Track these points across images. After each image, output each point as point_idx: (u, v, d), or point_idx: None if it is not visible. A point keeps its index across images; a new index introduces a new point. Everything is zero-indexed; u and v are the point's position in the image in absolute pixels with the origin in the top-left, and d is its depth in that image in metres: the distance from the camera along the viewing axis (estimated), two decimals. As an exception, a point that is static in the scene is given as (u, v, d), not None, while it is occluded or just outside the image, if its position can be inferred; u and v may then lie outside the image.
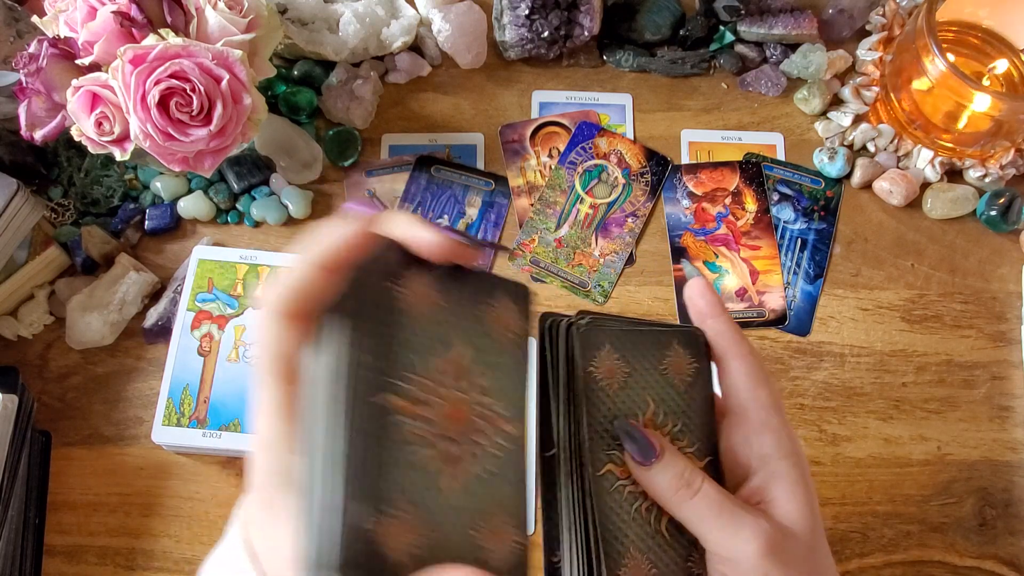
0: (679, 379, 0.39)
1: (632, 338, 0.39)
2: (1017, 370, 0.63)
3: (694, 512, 0.36)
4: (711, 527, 0.36)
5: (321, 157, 0.67)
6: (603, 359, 0.39)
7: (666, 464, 0.36)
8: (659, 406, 0.39)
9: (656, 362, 0.39)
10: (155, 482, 0.58)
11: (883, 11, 0.72)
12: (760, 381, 0.38)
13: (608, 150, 0.69)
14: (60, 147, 0.65)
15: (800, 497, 0.37)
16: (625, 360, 0.39)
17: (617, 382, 0.38)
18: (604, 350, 0.39)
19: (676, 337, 0.39)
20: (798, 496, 0.37)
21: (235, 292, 0.58)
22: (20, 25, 0.64)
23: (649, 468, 0.37)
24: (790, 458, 0.37)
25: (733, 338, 0.39)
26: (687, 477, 0.36)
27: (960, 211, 0.67)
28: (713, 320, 0.40)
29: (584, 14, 0.69)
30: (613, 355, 0.39)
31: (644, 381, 0.39)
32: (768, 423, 0.38)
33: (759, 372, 0.38)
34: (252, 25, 0.57)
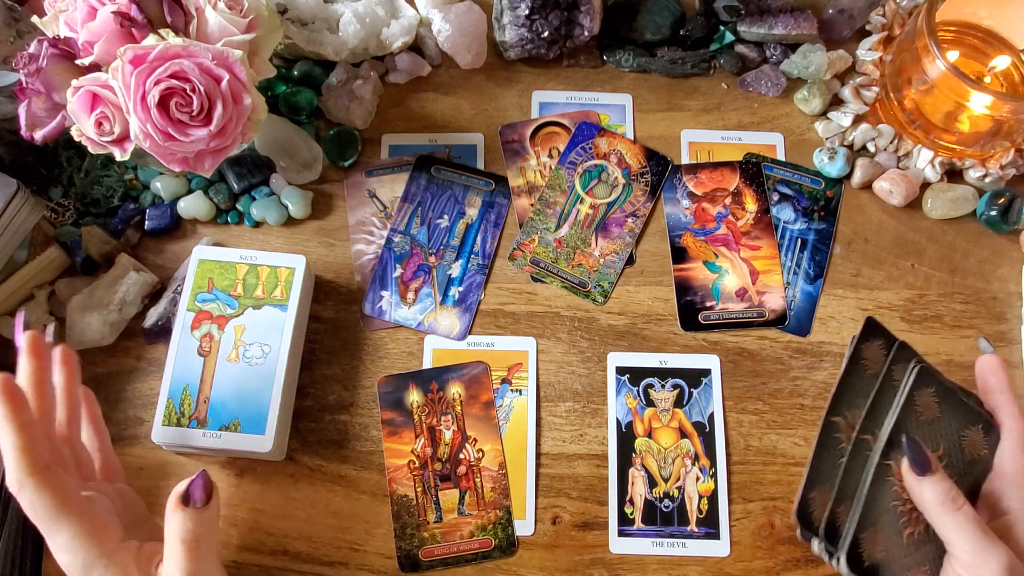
0: (970, 450, 0.51)
1: (953, 399, 0.52)
2: (1017, 370, 0.63)
3: (954, 523, 0.45)
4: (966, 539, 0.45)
5: (321, 157, 0.67)
6: (925, 395, 0.52)
7: (937, 480, 0.46)
8: (946, 455, 0.51)
9: (961, 427, 0.51)
10: (155, 482, 0.58)
11: (883, 11, 0.72)
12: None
13: (608, 150, 0.69)
14: (60, 147, 0.65)
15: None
16: (940, 407, 0.51)
17: (926, 417, 0.51)
18: (930, 390, 0.52)
19: (984, 423, 0.52)
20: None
21: (235, 292, 0.58)
22: (20, 25, 0.64)
23: (922, 479, 0.46)
24: None
25: (1011, 412, 0.51)
26: (953, 495, 0.46)
27: (960, 211, 0.67)
28: (1001, 396, 0.52)
29: (584, 14, 0.69)
30: (934, 398, 0.52)
31: (944, 432, 0.51)
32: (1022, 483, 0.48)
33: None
34: (252, 25, 0.57)
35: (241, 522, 0.57)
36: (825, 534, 0.51)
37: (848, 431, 0.52)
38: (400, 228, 0.66)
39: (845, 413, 0.52)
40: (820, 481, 0.51)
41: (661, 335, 0.63)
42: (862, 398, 0.52)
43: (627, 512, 0.58)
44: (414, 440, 0.59)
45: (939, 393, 0.51)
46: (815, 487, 0.51)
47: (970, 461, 0.50)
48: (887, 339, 0.53)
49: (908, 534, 0.49)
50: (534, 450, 0.59)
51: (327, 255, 0.65)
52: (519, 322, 0.63)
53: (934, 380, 0.52)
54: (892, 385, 0.52)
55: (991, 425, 0.51)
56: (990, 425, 0.51)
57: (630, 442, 0.60)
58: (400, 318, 0.63)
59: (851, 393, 0.52)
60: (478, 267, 0.65)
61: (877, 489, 0.50)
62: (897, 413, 0.51)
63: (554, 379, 0.62)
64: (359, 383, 0.61)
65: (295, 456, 0.59)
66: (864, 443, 0.51)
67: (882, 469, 0.50)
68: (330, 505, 0.58)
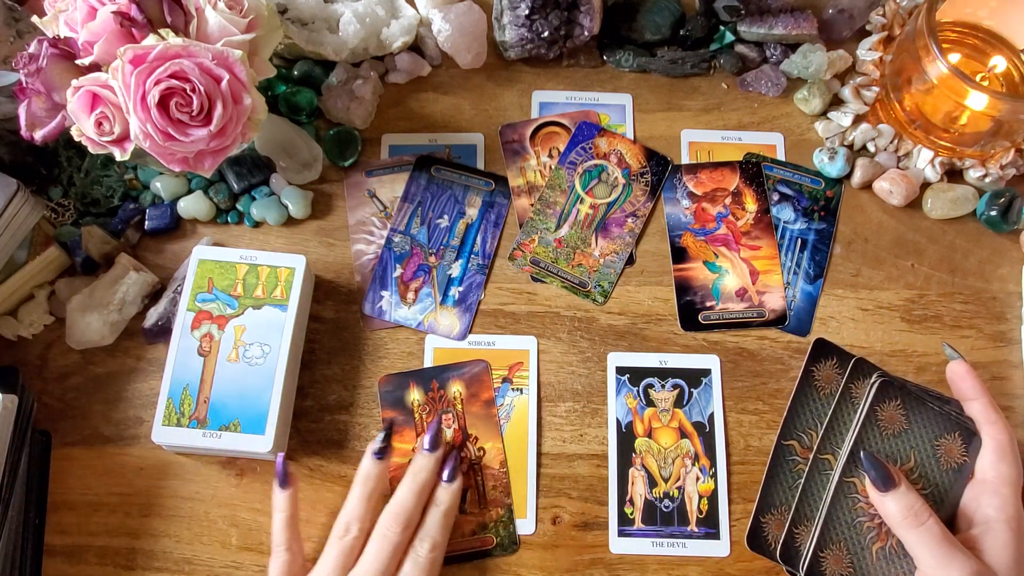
0: (946, 460, 0.50)
1: (923, 409, 0.51)
2: (1017, 370, 0.63)
3: (917, 537, 0.45)
4: (929, 552, 0.45)
5: (321, 157, 0.67)
6: (888, 408, 0.51)
7: (900, 495, 0.46)
8: (919, 467, 0.51)
9: (935, 436, 0.51)
10: (155, 482, 0.58)
11: (883, 11, 0.72)
12: (1004, 457, 0.48)
13: (608, 150, 0.69)
14: (60, 147, 0.65)
15: (1011, 556, 0.45)
16: (907, 419, 0.51)
17: (892, 430, 0.51)
18: (893, 402, 0.52)
19: (961, 430, 0.51)
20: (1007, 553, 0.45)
21: (235, 292, 0.58)
22: (20, 25, 0.64)
23: (884, 495, 0.46)
24: (1009, 523, 0.46)
25: (989, 419, 0.49)
26: (916, 509, 0.45)
27: (960, 211, 0.67)
28: (975, 403, 0.50)
29: (584, 14, 0.69)
30: (899, 410, 0.51)
31: (916, 443, 0.51)
32: (999, 491, 0.47)
33: (1006, 450, 0.48)
34: (252, 25, 0.57)
35: (241, 522, 0.57)
36: (781, 556, 0.51)
37: (805, 453, 0.53)
38: (400, 228, 0.66)
39: (800, 435, 0.53)
40: (775, 504, 0.53)
41: (661, 335, 0.63)
42: (818, 419, 0.54)
43: (627, 512, 0.58)
44: (415, 439, 0.59)
45: (905, 405, 0.52)
46: (768, 511, 0.52)
47: (950, 470, 0.50)
48: (841, 357, 0.54)
49: (877, 549, 0.49)
50: (535, 450, 0.59)
51: (327, 255, 0.65)
52: (519, 322, 0.63)
53: (899, 392, 0.52)
54: (851, 402, 0.53)
55: (973, 434, 0.51)
56: (971, 432, 0.51)
57: (630, 442, 0.60)
58: (400, 318, 0.63)
59: (805, 415, 0.54)
60: (478, 267, 0.65)
61: (838, 507, 0.50)
62: (857, 430, 0.51)
63: (554, 379, 0.62)
64: (359, 383, 0.61)
65: (295, 456, 0.59)
66: (823, 463, 0.52)
67: (844, 487, 0.50)
68: (330, 505, 0.58)
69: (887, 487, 0.46)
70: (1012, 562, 0.45)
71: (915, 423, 0.51)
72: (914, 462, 0.50)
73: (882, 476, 0.46)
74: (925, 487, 0.50)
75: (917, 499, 0.46)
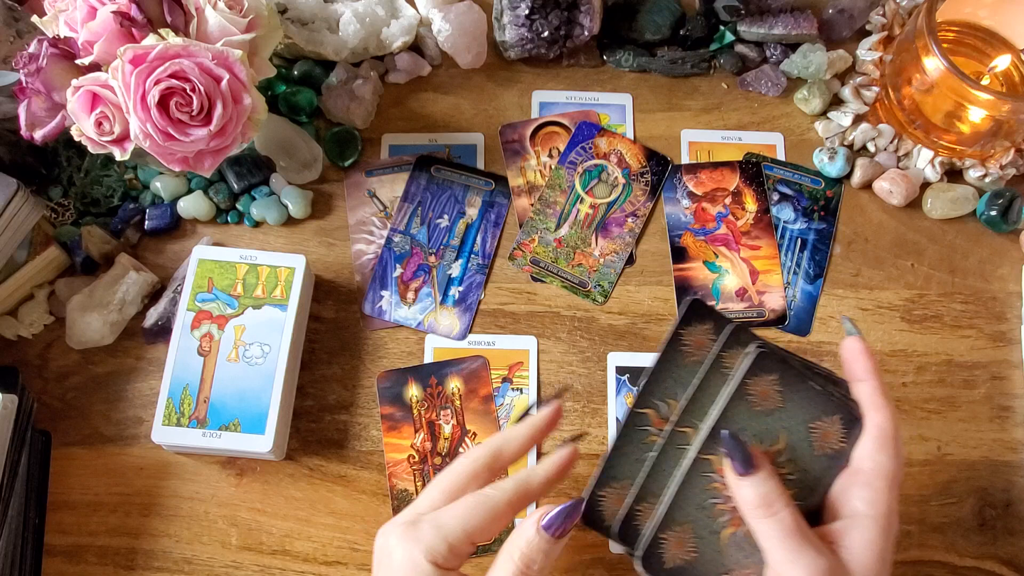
0: (820, 444, 0.45)
1: (803, 387, 0.45)
2: (1017, 370, 0.63)
3: (767, 530, 0.41)
4: (776, 548, 0.40)
5: (321, 157, 0.67)
6: (762, 382, 0.45)
7: (756, 481, 0.41)
8: (789, 450, 0.45)
9: (811, 417, 0.45)
10: (155, 482, 0.58)
11: (883, 11, 0.72)
12: (884, 448, 0.42)
13: (608, 150, 0.69)
14: (60, 147, 0.65)
15: (874, 554, 0.40)
16: (783, 396, 0.45)
17: (764, 407, 0.45)
18: (768, 376, 0.45)
19: (842, 413, 0.45)
20: (872, 552, 0.41)
21: (235, 292, 0.58)
22: (20, 25, 0.64)
23: (741, 479, 0.41)
24: (877, 519, 0.41)
25: (876, 403, 0.43)
26: (770, 499, 0.41)
27: (960, 211, 0.67)
28: (863, 384, 0.44)
29: (584, 14, 0.69)
30: (775, 385, 0.45)
31: (789, 424, 0.45)
32: (872, 484, 0.42)
33: (887, 440, 0.43)
34: (252, 25, 0.57)
35: (241, 522, 0.57)
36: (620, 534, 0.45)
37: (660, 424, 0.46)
38: (400, 228, 0.66)
39: (658, 404, 0.46)
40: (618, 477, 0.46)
41: (661, 335, 0.63)
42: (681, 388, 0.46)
43: (627, 512, 0.58)
44: (414, 435, 0.59)
45: (783, 381, 0.45)
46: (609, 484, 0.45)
47: (824, 456, 0.44)
48: (716, 322, 0.46)
49: (729, 535, 0.44)
50: (535, 449, 0.59)
51: (327, 255, 0.65)
52: (519, 322, 0.63)
53: (778, 367, 0.45)
54: (722, 372, 0.46)
55: (856, 419, 0.45)
56: (855, 417, 0.45)
57: (630, 442, 0.60)
58: (400, 318, 0.63)
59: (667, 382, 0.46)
60: (478, 267, 0.65)
61: (691, 486, 0.44)
62: (724, 404, 0.44)
63: (554, 379, 0.62)
64: (359, 383, 0.61)
65: (295, 456, 0.59)
66: (681, 436, 0.45)
67: (700, 464, 0.44)
68: (330, 505, 0.58)
69: (746, 471, 0.41)
70: (874, 562, 0.40)
71: (791, 402, 0.45)
72: (784, 444, 0.45)
73: (742, 458, 0.41)
74: (793, 472, 0.44)
75: (776, 487, 0.41)
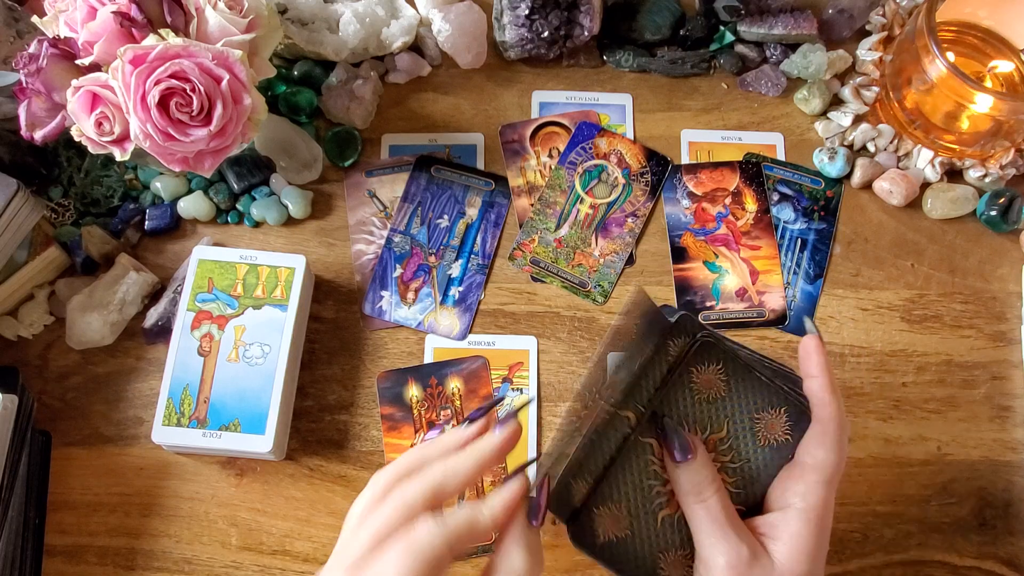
0: (764, 435, 0.46)
1: (749, 378, 0.46)
2: (1017, 370, 0.63)
3: (695, 515, 0.42)
4: (702, 531, 0.42)
5: (321, 157, 0.67)
6: (707, 371, 0.46)
7: (691, 469, 0.43)
8: (731, 439, 0.46)
9: (756, 409, 0.46)
10: (155, 482, 0.58)
11: (883, 11, 0.72)
12: (825, 445, 0.43)
13: (608, 150, 0.69)
14: (60, 147, 0.65)
15: (799, 547, 0.41)
16: (728, 386, 0.46)
17: (707, 395, 0.46)
18: (713, 366, 0.46)
19: (788, 405, 0.46)
20: (798, 545, 0.41)
21: (235, 292, 0.58)
22: (20, 25, 0.64)
23: (677, 466, 0.43)
24: (808, 513, 0.42)
25: (823, 400, 0.44)
26: (701, 486, 0.42)
27: (960, 211, 0.67)
28: (813, 380, 0.45)
29: (584, 14, 0.69)
30: (719, 374, 0.46)
31: (732, 413, 0.46)
32: (807, 479, 0.43)
33: (830, 438, 0.43)
34: (252, 25, 0.57)
35: (241, 522, 0.57)
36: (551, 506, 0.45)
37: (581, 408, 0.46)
38: (400, 228, 0.66)
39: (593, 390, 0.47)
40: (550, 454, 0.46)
41: (661, 335, 0.63)
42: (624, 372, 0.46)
43: (627, 512, 0.58)
44: (414, 435, 0.59)
45: (727, 371, 0.46)
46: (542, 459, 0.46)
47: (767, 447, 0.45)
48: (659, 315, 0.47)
49: (664, 516, 0.45)
50: (535, 450, 0.59)
51: (327, 255, 0.65)
52: (519, 322, 0.63)
53: (722, 356, 0.46)
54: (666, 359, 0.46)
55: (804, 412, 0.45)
56: (801, 411, 0.46)
57: (630, 442, 0.60)
58: (400, 318, 0.63)
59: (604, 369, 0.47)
60: (478, 267, 0.65)
61: (628, 466, 0.45)
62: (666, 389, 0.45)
63: (554, 379, 0.62)
64: (359, 383, 0.61)
65: (295, 456, 0.59)
66: (621, 420, 0.46)
67: (640, 446, 0.45)
68: (330, 505, 0.58)
69: (682, 458, 0.43)
70: (800, 554, 0.41)
71: (736, 392, 0.46)
72: (727, 432, 0.46)
73: (680, 445, 0.43)
74: (735, 460, 0.45)
75: (708, 475, 0.42)
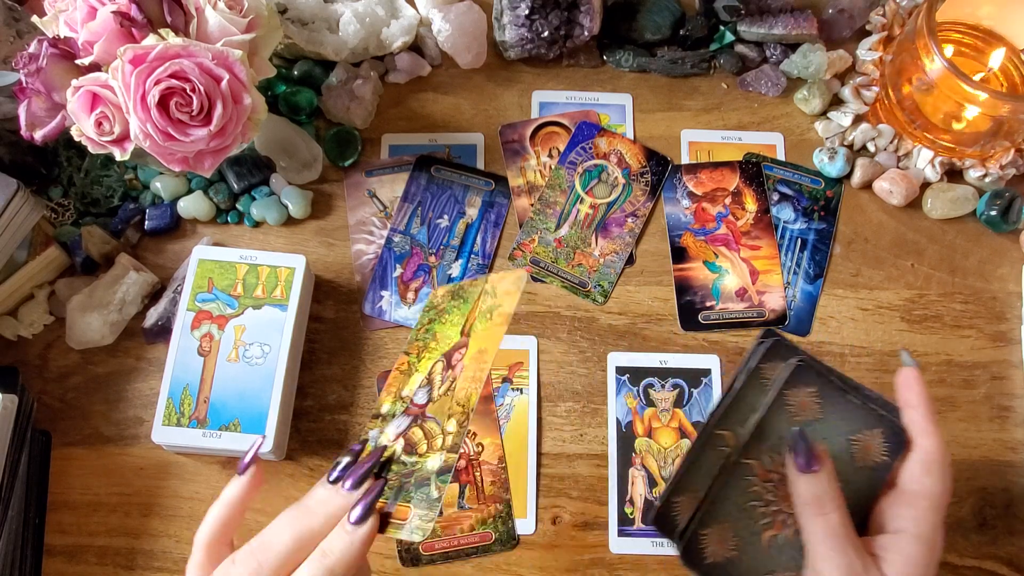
0: (862, 455, 0.47)
1: (842, 401, 0.48)
2: (1017, 370, 0.63)
3: (812, 528, 0.43)
4: (819, 544, 0.43)
5: (321, 157, 0.67)
6: (801, 393, 0.48)
7: (815, 480, 0.43)
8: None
9: (851, 430, 0.48)
10: (155, 482, 0.58)
11: (883, 11, 0.72)
12: (931, 472, 0.45)
13: (608, 150, 0.69)
14: (60, 147, 0.65)
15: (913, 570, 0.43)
16: (822, 408, 0.48)
17: (803, 417, 0.48)
18: (807, 388, 0.48)
19: (884, 426, 0.48)
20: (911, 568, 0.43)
21: (235, 292, 0.58)
22: (20, 25, 0.64)
23: (801, 475, 0.44)
24: (921, 538, 0.44)
25: (925, 430, 0.46)
26: (823, 499, 0.43)
27: (960, 211, 0.67)
28: (914, 411, 0.47)
29: (584, 14, 0.69)
30: (814, 397, 0.48)
31: (828, 434, 0.48)
32: (918, 505, 0.44)
33: (934, 465, 0.45)
34: (252, 25, 0.57)
35: (241, 522, 0.57)
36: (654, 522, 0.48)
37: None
38: (400, 228, 0.66)
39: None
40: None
41: (661, 335, 0.63)
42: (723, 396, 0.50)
43: (627, 512, 0.58)
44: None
45: (821, 394, 0.48)
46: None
47: (863, 468, 0.48)
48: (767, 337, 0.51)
49: (769, 536, 0.47)
50: (535, 449, 0.59)
51: (327, 255, 0.65)
52: (519, 322, 0.63)
53: (817, 380, 0.49)
54: (761, 383, 0.49)
55: (900, 436, 0.48)
56: (898, 435, 0.48)
57: (630, 442, 0.60)
58: (400, 318, 0.63)
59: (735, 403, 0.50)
60: (478, 267, 0.65)
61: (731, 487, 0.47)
62: (764, 412, 0.48)
63: (554, 379, 0.62)
64: (359, 383, 0.61)
65: (295, 456, 0.59)
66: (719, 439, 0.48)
67: (741, 467, 0.47)
68: (330, 505, 0.58)
69: (808, 468, 0.43)
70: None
71: (830, 414, 0.48)
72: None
73: (806, 455, 0.44)
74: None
75: (832, 489, 0.43)
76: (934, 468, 0.45)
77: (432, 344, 0.49)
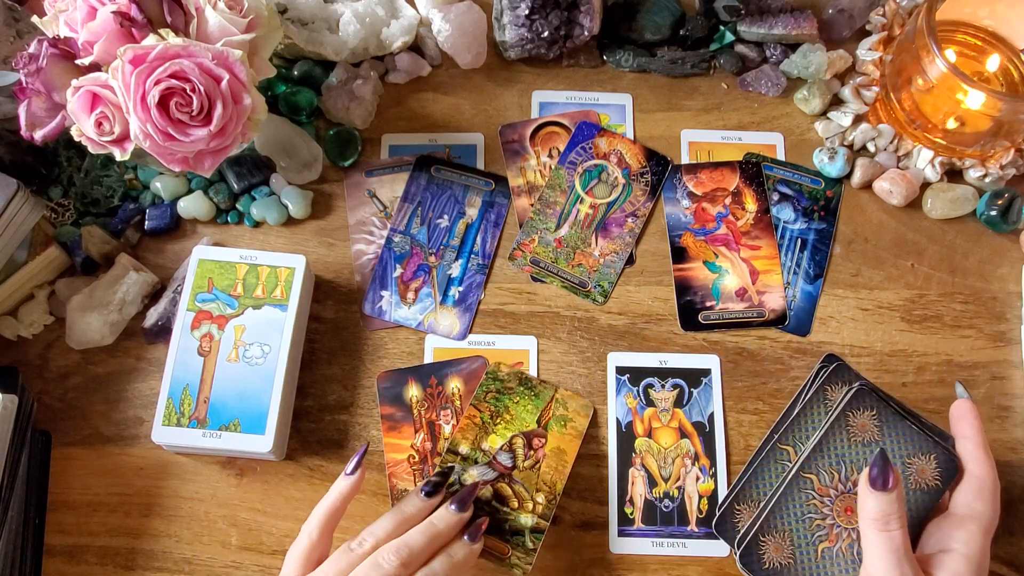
0: (916, 479, 0.51)
1: (901, 425, 0.53)
2: (1017, 370, 0.63)
3: (876, 541, 0.46)
4: (879, 559, 0.45)
5: (321, 157, 0.67)
6: (862, 416, 0.53)
7: (886, 498, 0.46)
8: None
9: (907, 453, 0.52)
10: (155, 482, 0.58)
11: (883, 11, 0.72)
12: (984, 499, 0.49)
13: (608, 150, 0.69)
14: (60, 147, 0.65)
15: None
16: (880, 430, 0.53)
17: (862, 438, 0.53)
18: (868, 412, 0.53)
19: (938, 453, 0.52)
20: None
21: (235, 292, 0.58)
22: (20, 25, 0.64)
23: (872, 492, 0.46)
24: (970, 557, 0.47)
25: (976, 458, 0.50)
26: (890, 517, 0.46)
27: (960, 211, 0.67)
28: (968, 441, 0.51)
29: (584, 14, 0.69)
30: (873, 420, 0.53)
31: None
32: (967, 527, 0.48)
33: (988, 493, 0.49)
34: (252, 25, 0.57)
35: (241, 522, 0.58)
36: (716, 525, 0.54)
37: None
38: (400, 228, 0.66)
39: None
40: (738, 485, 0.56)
41: (661, 335, 0.63)
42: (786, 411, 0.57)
43: (627, 512, 0.58)
44: (414, 435, 0.59)
45: (880, 417, 0.53)
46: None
47: (918, 490, 0.51)
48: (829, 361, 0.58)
49: (824, 548, 0.51)
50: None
51: (327, 255, 0.65)
52: (519, 322, 0.63)
53: (876, 404, 0.53)
54: (825, 402, 0.56)
55: (953, 464, 0.51)
56: (951, 461, 0.51)
57: (630, 442, 0.60)
58: (400, 318, 0.63)
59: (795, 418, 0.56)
60: (478, 267, 0.65)
61: (790, 499, 0.52)
62: (825, 429, 0.53)
63: (554, 379, 0.62)
64: (359, 383, 0.61)
65: (295, 456, 0.59)
66: (781, 452, 0.54)
67: (800, 480, 0.52)
68: (330, 505, 0.58)
69: (883, 487, 0.46)
70: None
71: (888, 436, 0.52)
72: None
73: (884, 474, 0.47)
74: None
75: (898, 509, 0.46)
76: (985, 494, 0.49)
77: (507, 416, 0.58)
